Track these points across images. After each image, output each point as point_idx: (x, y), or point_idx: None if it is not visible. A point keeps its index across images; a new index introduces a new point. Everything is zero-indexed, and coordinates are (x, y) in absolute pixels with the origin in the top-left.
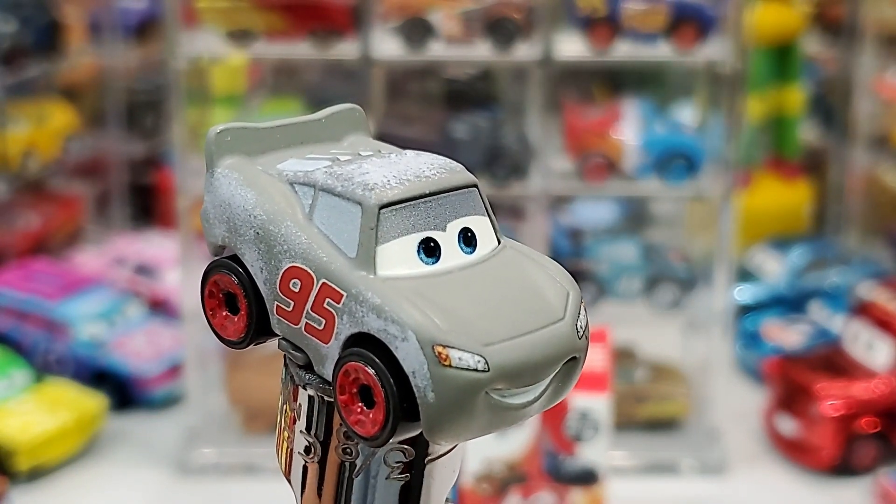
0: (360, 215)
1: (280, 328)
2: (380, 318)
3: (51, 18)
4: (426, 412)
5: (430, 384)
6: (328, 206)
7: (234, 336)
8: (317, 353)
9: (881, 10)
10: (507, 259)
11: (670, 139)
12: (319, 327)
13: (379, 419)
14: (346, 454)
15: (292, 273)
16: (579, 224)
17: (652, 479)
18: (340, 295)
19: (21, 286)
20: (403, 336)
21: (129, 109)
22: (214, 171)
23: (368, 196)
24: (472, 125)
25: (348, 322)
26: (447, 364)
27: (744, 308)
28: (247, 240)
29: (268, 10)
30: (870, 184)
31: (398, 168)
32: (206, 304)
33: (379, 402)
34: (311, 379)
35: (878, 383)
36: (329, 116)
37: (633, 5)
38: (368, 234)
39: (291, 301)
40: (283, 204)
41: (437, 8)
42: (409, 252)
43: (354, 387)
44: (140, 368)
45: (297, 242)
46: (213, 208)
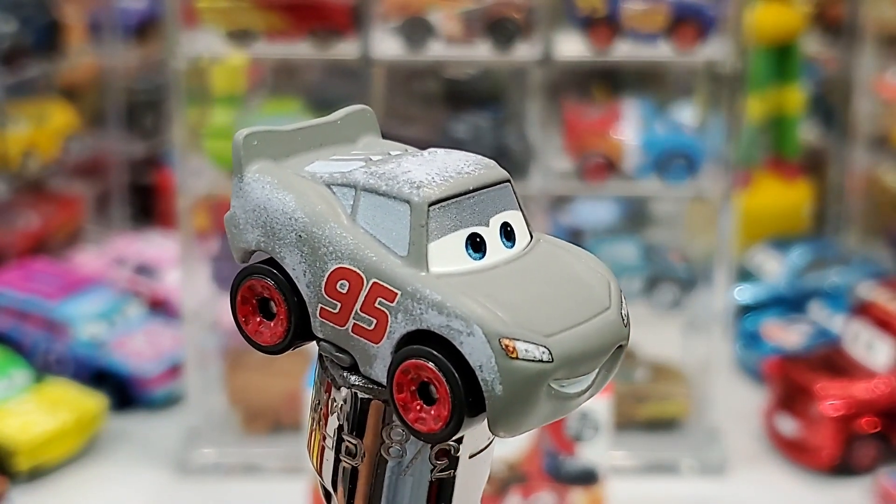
0: (409, 213)
1: (323, 331)
2: (441, 314)
3: (51, 18)
4: (493, 405)
5: (497, 377)
6: (372, 206)
7: (271, 341)
8: (364, 354)
9: (881, 10)
10: (546, 252)
11: (670, 139)
12: (369, 327)
13: (443, 415)
14: (394, 454)
15: (339, 274)
16: (579, 224)
17: (652, 479)
18: (394, 294)
19: (21, 286)
20: (469, 331)
21: (129, 109)
22: (244, 176)
23: (417, 194)
24: (473, 125)
25: (403, 320)
26: (514, 356)
27: (744, 308)
28: (287, 243)
29: (268, 10)
30: (870, 184)
31: (437, 166)
32: (238, 310)
33: (442, 397)
34: (356, 380)
35: (878, 383)
36: (344, 118)
37: (633, 5)
38: (419, 231)
39: (338, 302)
40: (324, 206)
41: (437, 8)
42: (458, 248)
43: (413, 384)
44: (140, 368)
45: (344, 243)
46: (245, 213)
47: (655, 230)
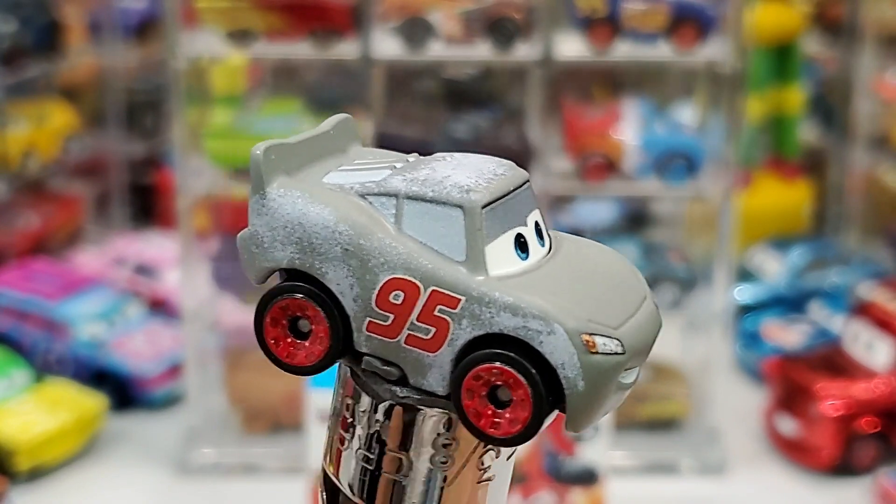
0: (463, 218)
1: (369, 345)
2: (516, 315)
3: (50, 18)
4: (575, 402)
5: (580, 373)
6: (419, 214)
7: (307, 362)
8: (417, 365)
9: (881, 10)
10: (574, 246)
11: (670, 139)
12: (426, 337)
13: (522, 417)
14: (441, 464)
15: (393, 285)
16: (579, 224)
17: (652, 479)
18: (457, 300)
19: (21, 286)
20: (549, 329)
21: (128, 109)
22: (267, 192)
23: (468, 198)
24: (473, 125)
25: (469, 326)
26: (594, 351)
27: (744, 308)
28: (331, 257)
29: (268, 10)
30: (870, 184)
31: (471, 169)
32: (266, 332)
33: (520, 400)
34: (405, 393)
35: (878, 383)
36: (335, 127)
37: (633, 5)
38: (476, 235)
39: (390, 314)
40: (366, 217)
41: (437, 8)
42: (509, 249)
43: (484, 389)
44: (140, 368)
45: (395, 253)
46: (272, 230)
47: (655, 230)
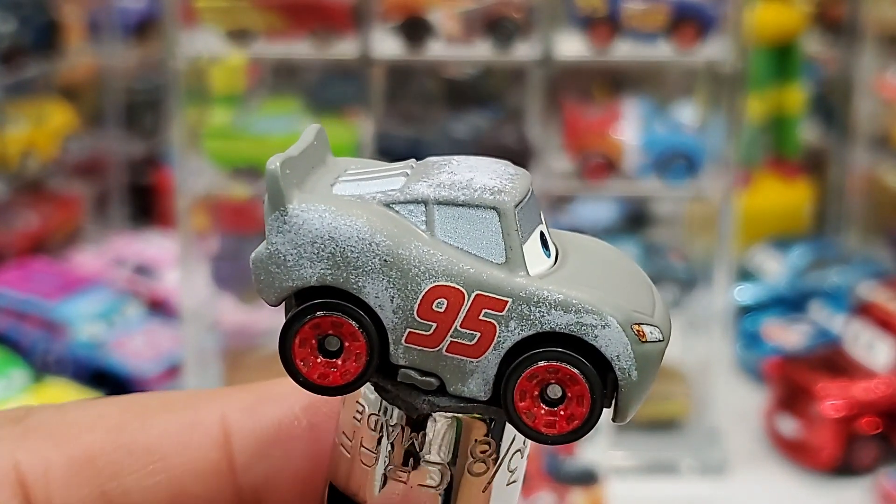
0: (498, 219)
1: (407, 357)
2: (568, 312)
3: (50, 18)
4: (628, 392)
5: (633, 363)
6: (451, 219)
7: (343, 380)
8: (458, 372)
9: (882, 9)
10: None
11: (670, 139)
12: (471, 342)
13: (580, 413)
14: (477, 471)
15: (436, 293)
16: (579, 224)
17: (652, 480)
18: (503, 302)
19: (20, 286)
20: (604, 323)
21: (128, 109)
22: (288, 209)
23: (501, 199)
24: (473, 125)
25: (517, 327)
26: (645, 340)
27: (744, 308)
28: (369, 270)
29: (267, 9)
30: (870, 184)
31: (488, 171)
32: (295, 355)
33: (576, 395)
34: (446, 402)
35: (878, 383)
36: (315, 137)
37: (633, 5)
38: (513, 236)
39: (433, 323)
40: (399, 227)
41: (437, 8)
42: (538, 248)
43: (537, 389)
44: (139, 368)
45: (435, 260)
46: (297, 248)
47: (655, 230)
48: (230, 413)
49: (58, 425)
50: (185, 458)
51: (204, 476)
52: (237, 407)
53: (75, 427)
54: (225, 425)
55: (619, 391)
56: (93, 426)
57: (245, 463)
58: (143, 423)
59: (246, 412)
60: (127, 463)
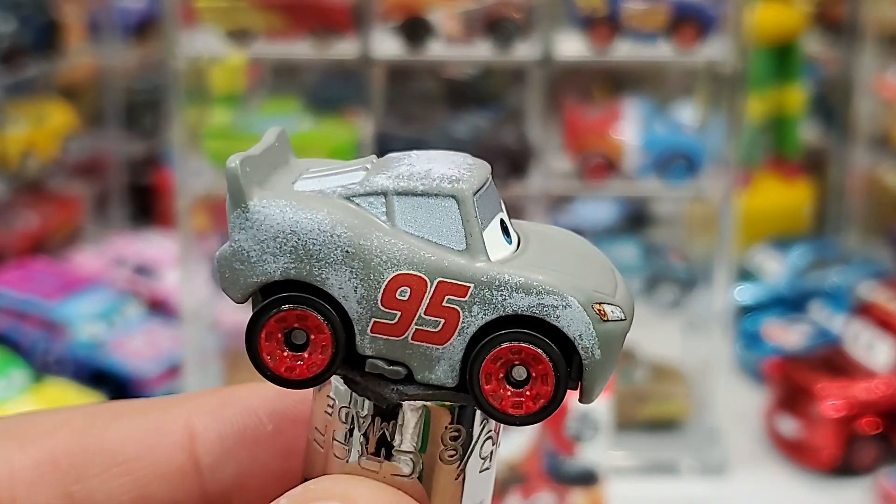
0: (457, 207)
1: (373, 347)
2: (529, 294)
3: (50, 18)
4: (592, 371)
5: (596, 342)
6: (410, 209)
7: (310, 373)
8: (424, 360)
9: (882, 9)
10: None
11: (670, 139)
12: (435, 329)
13: (545, 392)
14: (449, 459)
15: (399, 281)
16: (579, 224)
17: (652, 480)
18: (466, 288)
19: (20, 286)
20: (564, 303)
21: (128, 109)
22: (249, 206)
23: (460, 187)
24: (473, 125)
25: (480, 311)
26: (606, 319)
27: (744, 308)
28: (332, 262)
29: (267, 9)
30: (870, 184)
31: (447, 163)
32: (262, 349)
33: (540, 375)
34: (413, 390)
35: (878, 384)
36: (277, 139)
37: (633, 5)
38: (472, 223)
39: (397, 312)
40: (359, 218)
41: (437, 8)
42: (498, 235)
43: (502, 371)
44: (139, 368)
45: (396, 250)
46: (260, 244)
47: (655, 230)
48: (196, 417)
49: (23, 429)
50: (149, 461)
51: (169, 478)
52: (203, 411)
53: (40, 430)
54: (190, 428)
55: (583, 370)
56: (58, 429)
57: (211, 465)
58: (108, 427)
59: (211, 416)
60: (91, 465)
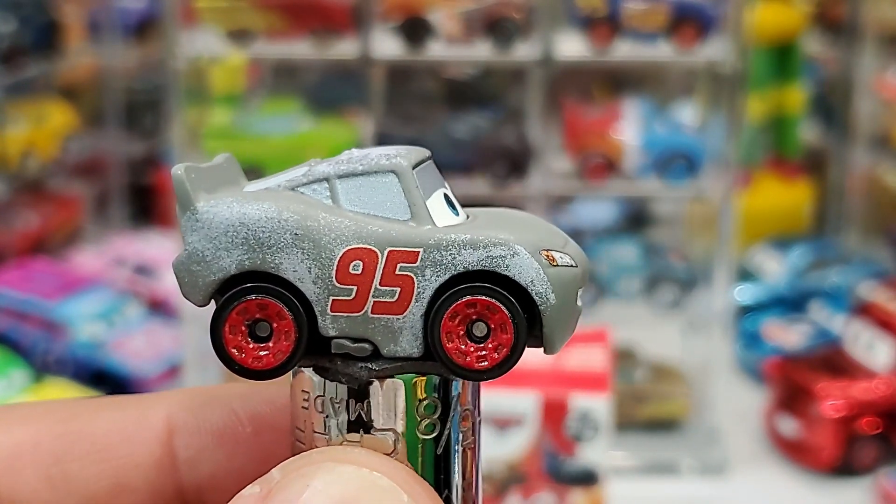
0: (398, 181)
1: (336, 326)
2: (476, 248)
3: (50, 18)
4: (550, 315)
5: (549, 286)
6: (353, 189)
7: (277, 361)
8: (387, 332)
9: (882, 9)
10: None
11: (670, 139)
12: (392, 299)
13: (506, 339)
14: (427, 431)
15: (350, 256)
16: (579, 224)
17: (652, 480)
18: (415, 253)
19: (20, 286)
20: (512, 252)
21: (128, 109)
22: (197, 207)
23: (398, 162)
24: (473, 125)
25: (433, 274)
26: (555, 264)
27: (744, 308)
28: (283, 246)
29: (267, 9)
30: (870, 184)
31: (385, 149)
32: (227, 342)
33: (499, 324)
34: (381, 365)
35: (878, 384)
36: (225, 161)
37: (633, 5)
38: (415, 193)
39: (353, 286)
40: (304, 204)
41: (437, 8)
42: (442, 206)
43: (462, 328)
44: (139, 369)
45: (344, 227)
46: (212, 241)
47: (655, 230)
48: (176, 412)
49: (5, 415)
50: (127, 451)
51: (146, 470)
52: (183, 407)
53: (23, 416)
54: (170, 423)
55: (541, 317)
56: (41, 416)
57: (188, 461)
58: (91, 417)
59: (191, 412)
60: (71, 450)
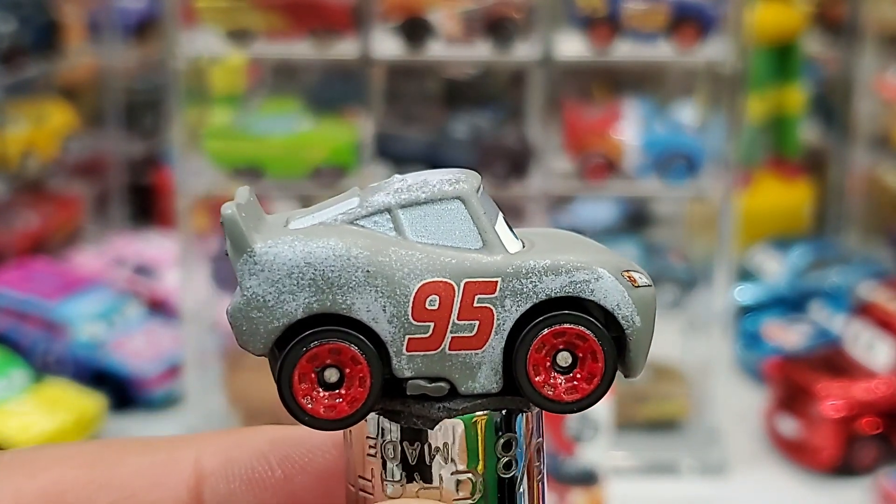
0: (464, 207)
1: (412, 366)
2: (559, 275)
3: (50, 18)
4: (636, 339)
5: (634, 309)
6: (418, 219)
7: (352, 409)
8: (465, 369)
9: (882, 10)
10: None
11: (670, 139)
12: (471, 333)
13: (598, 369)
14: (507, 469)
15: (426, 291)
16: (579, 224)
17: (652, 480)
18: (493, 284)
19: (20, 286)
20: (596, 276)
21: (128, 109)
22: (255, 248)
23: (461, 187)
24: (473, 125)
25: (513, 304)
26: (637, 285)
27: (744, 308)
28: (355, 285)
29: (268, 9)
30: (870, 184)
31: (438, 173)
32: (296, 393)
33: (589, 353)
34: (461, 404)
35: (878, 384)
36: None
37: (633, 5)
38: (483, 219)
39: (430, 323)
40: (370, 238)
41: (437, 8)
42: (507, 230)
43: (548, 360)
44: (139, 369)
45: (415, 260)
46: (274, 285)
47: (655, 230)
48: (204, 457)
49: (32, 459)
50: (155, 497)
51: None
52: (212, 451)
53: (49, 461)
54: (198, 468)
55: (627, 341)
56: (67, 461)
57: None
58: (117, 461)
59: (220, 457)
60: (97, 497)
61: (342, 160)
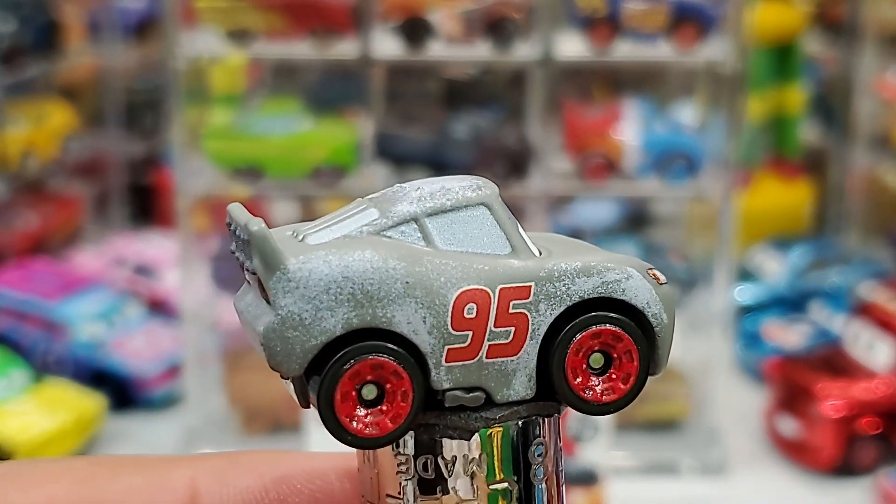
0: (490, 213)
1: (450, 377)
2: (591, 276)
3: (50, 18)
4: (664, 336)
5: (661, 307)
6: (446, 227)
7: (395, 425)
8: (501, 377)
9: (881, 10)
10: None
11: (670, 139)
12: (507, 340)
13: (634, 368)
14: (539, 475)
15: (464, 299)
16: (579, 224)
17: (652, 480)
18: (528, 288)
19: (20, 286)
20: (626, 275)
21: (128, 109)
22: (289, 265)
23: (485, 193)
24: (473, 125)
25: (547, 308)
26: (661, 283)
27: (744, 308)
28: (394, 297)
29: (268, 9)
30: (870, 184)
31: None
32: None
33: (624, 353)
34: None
35: (878, 384)
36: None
37: (633, 5)
38: (510, 224)
39: (469, 332)
40: (403, 248)
41: (437, 8)
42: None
43: (584, 362)
44: (139, 369)
45: (450, 268)
46: (311, 301)
47: (655, 230)
48: (199, 477)
49: (25, 474)
50: None
51: None
52: (207, 471)
53: (42, 477)
54: (193, 488)
55: (655, 339)
56: (60, 476)
57: None
58: (111, 478)
59: (215, 478)
60: None
61: (342, 160)
